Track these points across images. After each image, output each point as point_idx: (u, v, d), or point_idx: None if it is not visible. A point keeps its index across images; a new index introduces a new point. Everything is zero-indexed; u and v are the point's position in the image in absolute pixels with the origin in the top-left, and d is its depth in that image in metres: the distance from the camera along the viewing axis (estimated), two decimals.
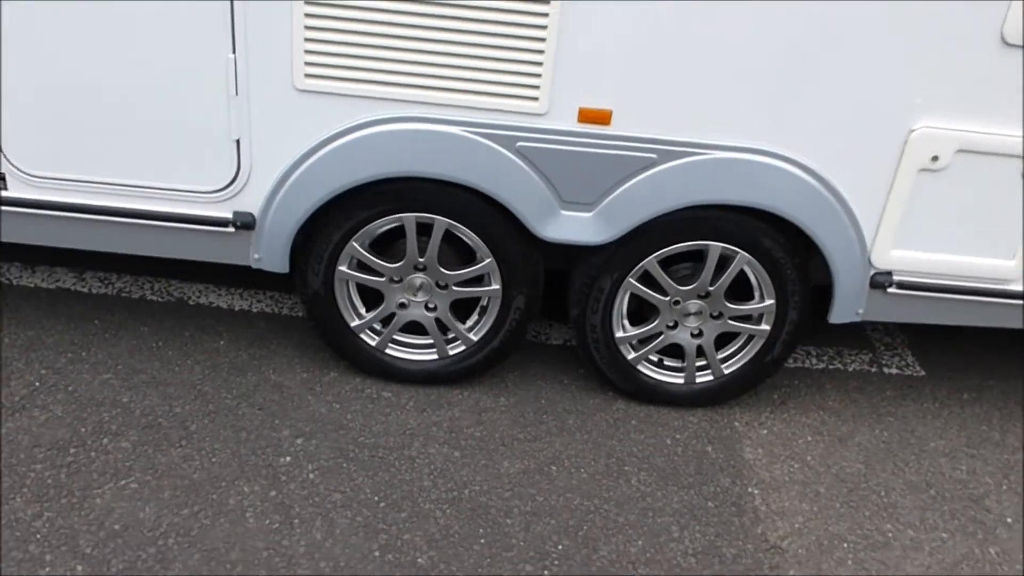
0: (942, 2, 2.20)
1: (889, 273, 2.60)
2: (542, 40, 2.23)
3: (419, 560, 2.18)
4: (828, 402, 2.94)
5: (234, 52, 2.25)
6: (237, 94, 2.30)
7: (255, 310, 3.03)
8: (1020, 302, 2.65)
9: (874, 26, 2.23)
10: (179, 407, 2.57)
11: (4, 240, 2.54)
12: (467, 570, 2.17)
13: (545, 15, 2.20)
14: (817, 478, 2.61)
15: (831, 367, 3.11)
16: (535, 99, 2.31)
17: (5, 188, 2.44)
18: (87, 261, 3.12)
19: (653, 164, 2.41)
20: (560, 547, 2.27)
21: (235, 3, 2.19)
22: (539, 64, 2.26)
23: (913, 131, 2.38)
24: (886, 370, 3.13)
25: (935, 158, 2.41)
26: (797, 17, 2.22)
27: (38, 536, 2.14)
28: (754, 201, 2.44)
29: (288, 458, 2.45)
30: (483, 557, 2.21)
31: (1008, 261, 2.59)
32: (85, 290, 3.00)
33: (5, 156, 2.38)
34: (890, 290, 2.62)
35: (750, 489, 2.54)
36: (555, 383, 2.86)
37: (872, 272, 2.60)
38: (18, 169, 2.40)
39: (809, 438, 2.77)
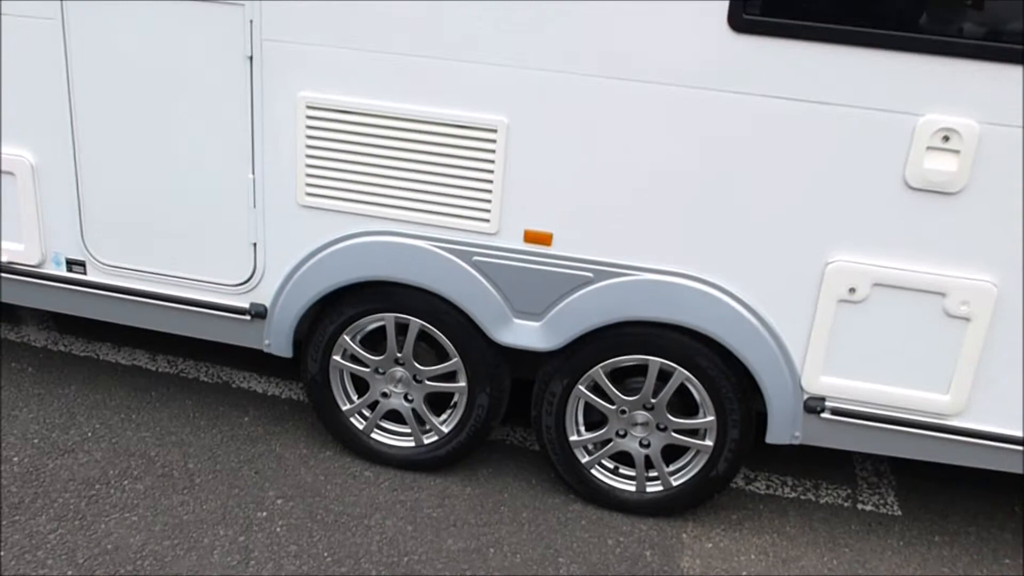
0: (850, 145, 2.47)
1: (822, 399, 2.75)
2: (491, 172, 2.68)
3: None
4: (786, 527, 3.02)
5: (253, 173, 2.84)
6: (255, 207, 2.88)
7: (283, 396, 3.52)
8: (963, 439, 2.71)
9: (792, 166, 2.52)
10: (192, 463, 3.06)
11: (82, 316, 3.20)
12: None
13: (492, 151, 2.65)
14: None
15: (803, 497, 3.18)
16: (487, 220, 2.74)
17: (85, 272, 3.12)
18: (161, 345, 3.75)
19: (590, 282, 2.74)
20: None
21: (255, 137, 2.80)
22: (489, 192, 2.70)
23: (829, 264, 2.60)
24: (860, 506, 3.16)
25: (852, 290, 2.60)
26: (722, 156, 2.55)
27: (47, 545, 2.64)
28: (680, 320, 2.70)
29: (264, 513, 2.86)
30: None
31: (942, 395, 2.67)
32: (153, 368, 3.62)
33: (86, 246, 3.06)
34: (824, 415, 2.76)
35: None
36: (522, 482, 3.13)
37: (805, 397, 2.76)
38: (94, 257, 3.07)
39: (752, 556, 2.87)
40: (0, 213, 3.09)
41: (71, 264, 3.12)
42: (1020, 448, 2.69)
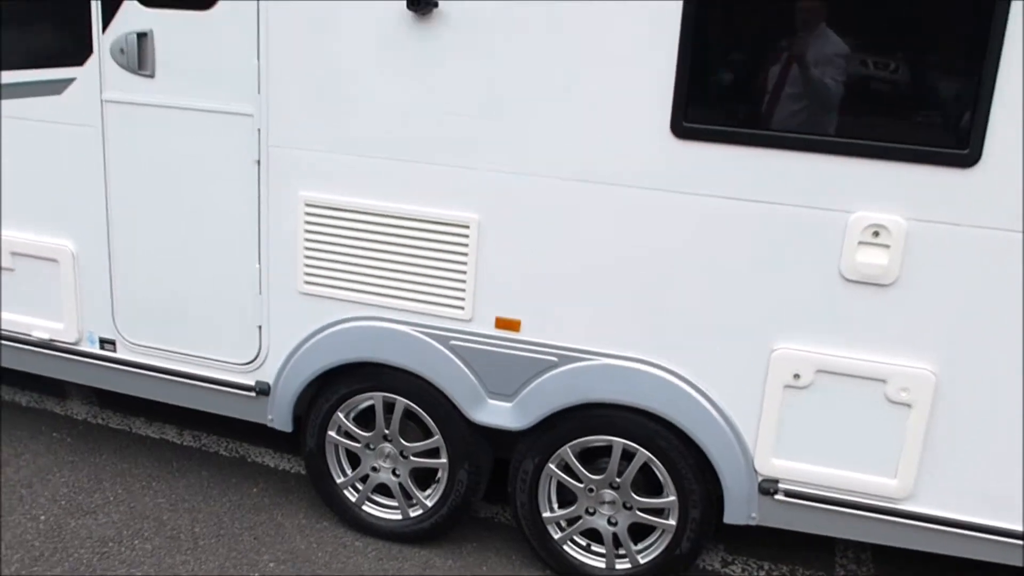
0: (789, 240, 2.67)
1: (775, 481, 2.86)
2: (464, 263, 2.95)
3: None
4: None
5: (259, 263, 3.18)
6: (260, 293, 3.21)
7: (292, 470, 3.77)
8: (914, 523, 2.78)
9: (736, 259, 2.72)
10: (199, 528, 3.32)
11: (112, 390, 3.54)
12: None
13: (466, 245, 2.93)
14: None
15: None
16: (462, 308, 3.00)
17: (115, 350, 3.48)
18: (189, 421, 4.06)
19: (555, 366, 2.96)
20: None
21: (261, 230, 3.14)
22: (464, 281, 2.97)
23: (775, 351, 2.76)
24: None
25: (797, 376, 2.75)
26: (672, 250, 2.77)
27: None
28: (637, 403, 2.88)
29: (257, 574, 3.08)
30: None
31: (890, 480, 2.76)
32: (179, 442, 3.93)
33: (116, 327, 3.42)
34: (778, 497, 2.87)
35: None
36: (504, 558, 3.28)
37: (759, 479, 2.88)
38: (123, 337, 3.43)
39: None
40: (43, 295, 3.51)
41: (103, 342, 3.49)
42: (972, 533, 2.76)
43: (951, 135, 2.49)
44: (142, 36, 3.09)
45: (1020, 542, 2.74)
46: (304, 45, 2.94)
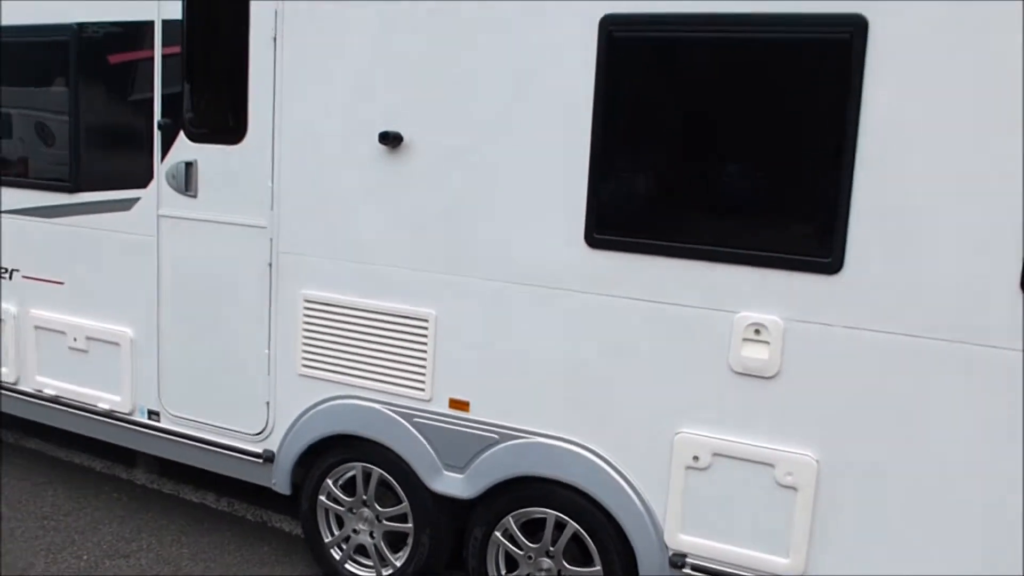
0: (686, 336, 3.05)
1: (683, 555, 3.15)
2: (424, 351, 3.47)
3: None
4: None
5: (268, 349, 3.80)
6: (269, 374, 3.82)
7: (302, 536, 4.29)
8: None
9: (644, 352, 3.13)
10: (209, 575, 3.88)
11: (155, 455, 4.21)
12: None
13: (425, 336, 3.46)
14: None
15: None
16: (423, 389, 3.50)
17: (159, 420, 4.15)
18: (229, 489, 4.66)
19: (497, 442, 3.40)
20: None
21: (271, 321, 3.78)
22: (424, 366, 3.49)
23: (677, 435, 3.11)
24: None
25: (696, 458, 3.08)
26: (591, 344, 3.20)
27: None
28: (563, 478, 3.27)
29: None
30: None
31: (783, 559, 3.01)
32: (215, 507, 4.54)
33: (161, 401, 4.11)
34: (686, 571, 3.14)
35: None
36: None
37: (669, 553, 3.17)
38: (166, 409, 4.11)
39: None
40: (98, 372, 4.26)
41: (151, 413, 4.19)
42: None
43: (817, 246, 2.86)
44: (189, 164, 3.88)
45: None
46: (305, 170, 3.63)
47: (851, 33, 2.74)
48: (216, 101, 3.84)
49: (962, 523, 2.79)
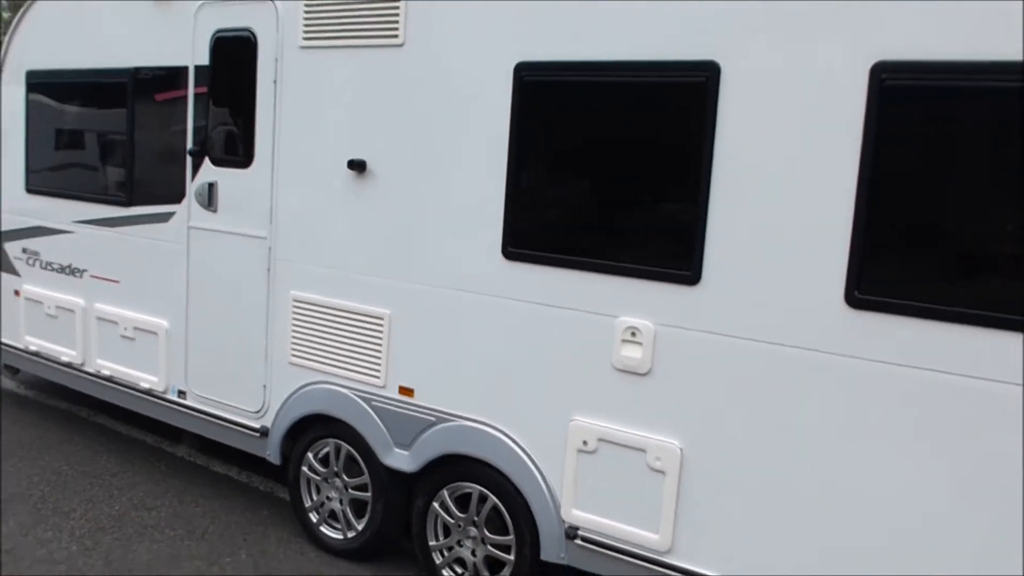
0: (579, 337, 3.55)
1: (576, 528, 3.62)
2: (380, 345, 4.09)
3: None
4: None
5: (266, 340, 4.51)
6: (266, 362, 4.53)
7: None
8: (673, 574, 3.41)
9: (543, 347, 3.64)
10: (212, 528, 4.59)
11: (181, 427, 4.99)
12: None
13: (382, 332, 4.07)
14: None
15: None
16: (379, 377, 4.12)
17: (186, 399, 4.93)
18: (251, 464, 5.38)
19: (433, 424, 3.97)
20: None
21: (268, 317, 4.49)
22: (380, 358, 4.10)
23: (571, 422, 3.59)
24: None
25: (585, 443, 3.56)
26: (506, 342, 3.75)
27: (103, 546, 4.27)
28: (484, 457, 3.81)
29: (230, 559, 4.27)
30: None
31: (654, 535, 3.44)
32: (235, 478, 5.29)
33: (187, 381, 4.89)
34: (578, 542, 3.61)
35: None
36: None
37: (565, 525, 3.64)
38: (191, 389, 4.88)
39: None
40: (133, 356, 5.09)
41: (180, 392, 4.97)
42: None
43: (680, 260, 3.32)
44: (211, 185, 4.66)
45: None
46: (295, 190, 4.34)
47: (707, 77, 3.21)
48: (233, 132, 4.61)
49: (809, 507, 3.16)
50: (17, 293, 5.83)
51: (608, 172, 3.47)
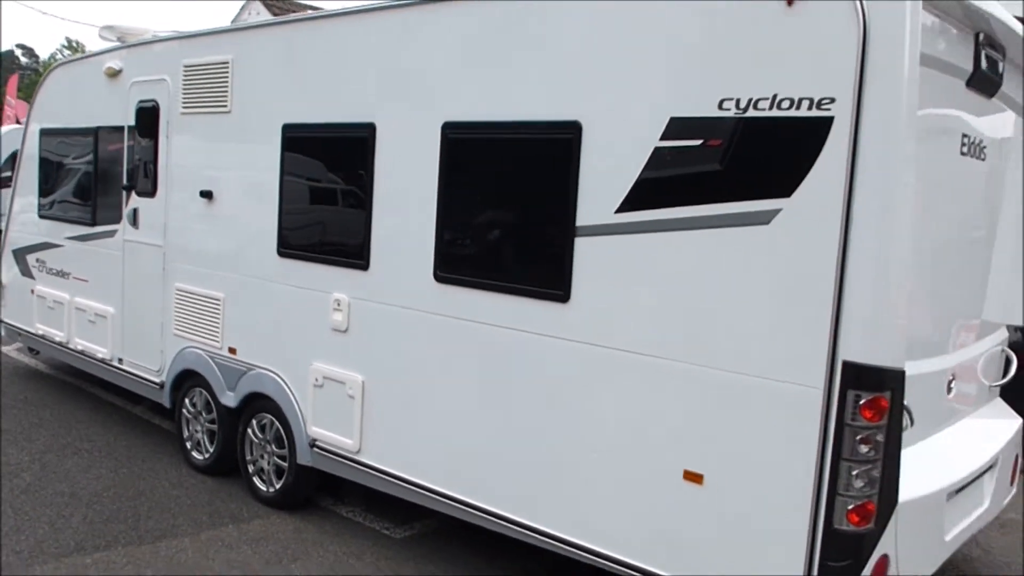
0: (310, 308, 5.19)
1: (314, 440, 5.21)
2: (219, 318, 5.84)
3: None
4: None
5: (162, 319, 6.35)
6: (161, 335, 6.36)
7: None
8: (364, 469, 4.94)
9: (300, 314, 5.30)
10: (125, 452, 6.43)
11: (120, 386, 6.88)
12: None
13: (218, 309, 5.83)
14: None
15: None
16: (217, 341, 5.88)
17: (122, 364, 6.82)
18: (159, 409, 7.21)
19: (246, 372, 5.67)
20: None
21: (163, 302, 6.33)
22: (218, 327, 5.85)
23: (311, 366, 5.21)
24: None
25: (316, 380, 5.17)
26: (281, 313, 5.43)
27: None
28: (267, 393, 5.47)
29: (126, 470, 6.07)
30: None
31: (352, 440, 4.99)
32: (141, 416, 7.12)
33: (123, 352, 6.78)
34: (315, 450, 5.20)
35: None
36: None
37: (309, 438, 5.24)
38: (126, 356, 6.78)
39: None
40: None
41: (119, 360, 6.88)
42: (395, 481, 4.85)
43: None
44: (136, 209, 6.59)
45: (428, 493, 4.75)
46: (176, 212, 6.19)
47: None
48: (148, 172, 6.52)
49: (434, 420, 4.70)
50: (32, 292, 7.95)
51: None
